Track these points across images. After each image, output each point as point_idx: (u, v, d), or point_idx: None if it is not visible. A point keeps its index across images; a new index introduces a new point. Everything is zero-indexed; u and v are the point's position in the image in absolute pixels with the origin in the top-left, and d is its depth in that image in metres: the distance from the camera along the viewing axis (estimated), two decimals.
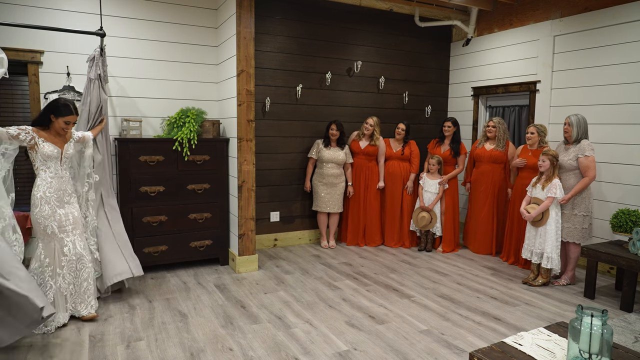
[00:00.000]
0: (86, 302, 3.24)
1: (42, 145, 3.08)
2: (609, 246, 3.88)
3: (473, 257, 5.01)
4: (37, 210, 3.08)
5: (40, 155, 3.09)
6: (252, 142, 4.31)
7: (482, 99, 5.89)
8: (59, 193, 3.16)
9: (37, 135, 3.08)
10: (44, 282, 3.10)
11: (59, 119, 3.13)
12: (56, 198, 3.14)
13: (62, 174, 3.20)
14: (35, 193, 3.09)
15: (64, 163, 3.22)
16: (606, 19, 4.36)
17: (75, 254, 3.20)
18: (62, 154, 3.19)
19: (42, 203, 3.08)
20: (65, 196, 3.20)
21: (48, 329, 3.03)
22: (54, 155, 3.12)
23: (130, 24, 4.35)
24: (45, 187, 3.10)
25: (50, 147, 3.11)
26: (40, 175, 3.12)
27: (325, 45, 5.36)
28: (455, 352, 2.89)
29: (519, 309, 3.60)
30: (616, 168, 4.35)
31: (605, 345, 1.79)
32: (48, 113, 3.13)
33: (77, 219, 3.26)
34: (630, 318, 3.43)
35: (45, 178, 3.12)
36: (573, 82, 4.69)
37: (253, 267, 4.42)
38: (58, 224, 3.13)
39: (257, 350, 2.87)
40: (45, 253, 3.12)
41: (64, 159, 3.21)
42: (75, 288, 3.22)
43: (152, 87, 4.51)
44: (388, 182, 5.35)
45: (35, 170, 3.13)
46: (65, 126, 3.16)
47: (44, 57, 4.03)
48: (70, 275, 3.19)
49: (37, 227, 3.11)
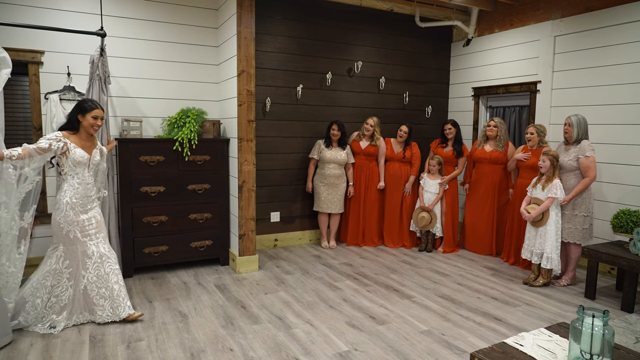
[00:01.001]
0: (122, 304, 3.22)
1: (74, 151, 3.06)
2: (610, 247, 3.87)
3: (473, 258, 5.01)
4: (62, 215, 3.07)
5: (71, 161, 3.07)
6: (252, 143, 4.30)
7: (483, 99, 5.89)
8: (84, 199, 3.16)
9: (68, 140, 3.06)
10: (59, 283, 3.10)
11: (87, 116, 3.11)
12: (81, 204, 3.13)
13: (88, 180, 3.19)
14: (62, 198, 3.08)
15: (91, 169, 3.21)
16: (607, 19, 4.36)
17: (99, 257, 3.19)
18: (90, 160, 3.18)
19: (67, 208, 3.07)
20: (88, 202, 3.20)
21: (56, 329, 3.05)
22: (83, 161, 3.11)
23: (130, 24, 4.35)
24: (72, 192, 3.09)
25: (81, 152, 3.10)
26: (68, 181, 3.10)
27: (325, 46, 5.35)
28: (456, 352, 2.89)
29: (519, 309, 3.60)
30: (617, 168, 4.34)
31: (607, 345, 1.79)
32: (75, 115, 3.12)
33: (100, 223, 3.26)
34: (631, 319, 3.42)
35: (73, 184, 3.10)
36: (574, 83, 4.69)
37: (253, 267, 4.42)
38: (81, 229, 3.13)
39: (258, 351, 2.87)
40: (66, 256, 3.11)
41: (91, 165, 3.20)
42: (108, 292, 3.20)
43: (153, 87, 4.51)
44: (389, 183, 5.35)
45: (63, 175, 3.11)
46: (94, 122, 3.14)
47: (45, 57, 4.03)
48: (97, 278, 3.18)
49: (58, 231, 3.10)
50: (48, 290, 3.08)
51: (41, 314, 3.07)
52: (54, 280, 3.09)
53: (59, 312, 3.10)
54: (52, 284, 3.09)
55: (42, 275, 3.10)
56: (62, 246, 3.12)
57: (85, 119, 3.11)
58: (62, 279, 3.10)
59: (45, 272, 3.10)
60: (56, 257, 3.12)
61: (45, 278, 3.09)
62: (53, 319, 3.08)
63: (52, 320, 3.08)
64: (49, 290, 3.08)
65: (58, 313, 3.09)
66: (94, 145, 3.24)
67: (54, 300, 3.08)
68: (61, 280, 3.10)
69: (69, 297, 3.11)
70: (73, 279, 3.13)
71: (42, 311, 3.07)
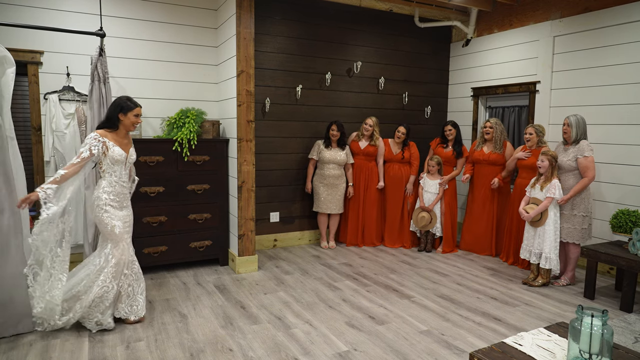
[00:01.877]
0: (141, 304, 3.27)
1: (113, 150, 3.07)
2: (609, 246, 3.88)
3: (473, 258, 5.01)
4: (103, 211, 3.08)
5: (109, 159, 3.07)
6: (252, 143, 4.31)
7: (482, 99, 5.89)
8: (120, 197, 3.17)
9: (107, 139, 3.07)
10: (105, 282, 3.08)
11: (129, 114, 3.12)
12: (118, 201, 3.15)
13: (124, 177, 3.19)
14: (101, 195, 3.08)
15: (127, 168, 3.22)
16: (606, 20, 4.37)
17: (131, 255, 3.23)
18: (127, 158, 3.19)
19: (107, 204, 3.09)
20: (124, 200, 3.22)
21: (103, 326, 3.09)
22: (121, 159, 3.12)
23: (130, 24, 4.35)
24: (110, 189, 3.10)
25: (119, 151, 3.10)
26: (107, 179, 3.10)
27: (325, 46, 5.36)
28: (455, 352, 2.89)
29: (519, 309, 3.60)
30: (615, 168, 4.35)
31: (606, 345, 1.79)
32: (115, 113, 3.11)
33: (131, 222, 3.29)
34: (630, 318, 3.43)
35: (111, 182, 3.11)
36: (573, 83, 4.70)
37: (253, 267, 4.42)
38: (122, 224, 3.15)
39: (257, 351, 2.87)
40: (114, 253, 3.12)
41: (128, 163, 3.21)
42: (134, 289, 3.24)
43: (152, 88, 4.51)
44: (389, 184, 5.35)
45: (102, 172, 3.11)
46: (135, 120, 3.16)
47: (44, 58, 4.03)
48: (134, 275, 3.22)
49: (104, 228, 3.10)
50: (98, 288, 3.07)
51: (87, 313, 3.08)
52: (101, 279, 3.09)
53: (104, 311, 3.10)
54: (101, 283, 3.08)
55: (93, 273, 3.09)
56: (110, 243, 3.12)
57: (127, 118, 3.12)
58: (108, 277, 3.09)
59: (94, 270, 3.10)
60: (105, 255, 3.12)
61: (96, 276, 3.09)
62: (99, 318, 3.08)
63: (98, 319, 3.09)
64: (98, 287, 3.07)
65: (103, 312, 3.09)
66: (130, 143, 3.25)
67: (98, 301, 3.07)
68: (107, 279, 3.09)
69: (114, 296, 3.12)
70: (118, 277, 3.13)
71: (88, 310, 3.08)
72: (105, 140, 3.05)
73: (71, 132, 4.11)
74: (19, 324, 2.98)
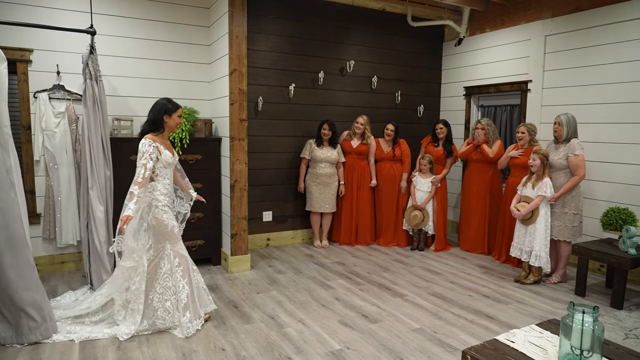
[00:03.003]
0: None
1: (164, 153, 3.06)
2: (600, 244, 3.91)
3: (465, 256, 5.03)
4: (163, 212, 3.06)
5: (162, 163, 3.05)
6: (244, 142, 4.29)
7: (474, 98, 5.92)
8: (171, 197, 3.18)
9: (157, 144, 3.05)
10: (176, 283, 3.06)
11: (173, 115, 3.11)
12: (171, 203, 3.17)
13: (171, 179, 3.19)
14: (159, 197, 3.05)
15: (172, 169, 3.21)
16: (597, 19, 4.40)
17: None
18: (173, 159, 3.19)
19: (165, 205, 3.08)
20: (173, 201, 3.24)
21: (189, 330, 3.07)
22: (170, 161, 3.11)
23: (121, 22, 4.32)
24: (165, 192, 3.10)
25: (168, 153, 3.10)
26: (161, 182, 3.08)
27: (318, 45, 5.35)
28: (448, 350, 2.90)
29: (511, 306, 3.62)
30: (606, 167, 4.38)
31: (597, 341, 1.80)
32: (160, 116, 3.08)
33: None
34: (620, 315, 3.46)
35: (165, 184, 3.10)
36: (564, 82, 4.73)
37: (245, 267, 4.40)
38: (176, 223, 3.16)
39: (250, 350, 2.86)
40: (175, 254, 3.10)
41: (173, 164, 3.21)
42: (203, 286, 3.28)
43: (144, 86, 4.47)
44: (382, 183, 5.36)
45: (155, 177, 3.08)
46: (179, 120, 3.16)
47: (33, 56, 3.99)
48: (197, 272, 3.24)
49: (164, 229, 3.07)
50: (172, 291, 3.06)
51: (174, 317, 3.06)
52: (172, 281, 3.07)
53: (183, 312, 3.07)
54: (173, 284, 3.06)
55: (162, 278, 3.07)
56: (169, 244, 3.09)
57: (172, 119, 3.11)
58: (177, 277, 3.07)
59: (163, 274, 3.07)
60: (167, 257, 3.09)
61: (165, 280, 3.06)
62: (181, 320, 3.06)
63: (180, 322, 3.06)
64: (172, 291, 3.06)
65: (183, 313, 3.07)
66: (170, 145, 3.23)
67: (176, 302, 3.06)
68: (177, 280, 3.07)
69: (187, 295, 3.09)
70: (186, 275, 3.11)
71: (175, 313, 3.06)
72: (157, 144, 3.04)
73: (61, 131, 4.06)
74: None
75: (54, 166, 4.06)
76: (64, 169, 4.08)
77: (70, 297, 3.55)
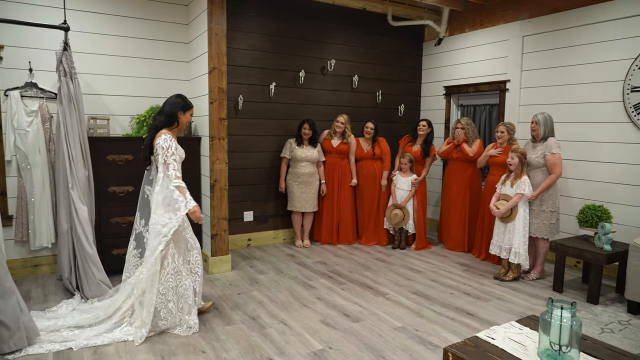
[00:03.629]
0: None
1: (180, 149, 3.02)
2: (576, 241, 3.99)
3: (446, 254, 5.07)
4: None
5: (178, 158, 3.00)
6: (224, 141, 4.23)
7: (454, 97, 5.97)
8: None
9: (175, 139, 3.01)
10: (180, 282, 3.01)
11: (187, 113, 3.11)
12: None
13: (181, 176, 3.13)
14: (175, 196, 2.95)
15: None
16: (572, 20, 4.49)
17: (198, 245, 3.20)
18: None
19: None
20: None
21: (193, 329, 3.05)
22: (183, 158, 3.07)
23: (96, 18, 4.21)
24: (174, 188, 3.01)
25: (181, 149, 3.06)
26: None
27: (299, 44, 5.32)
28: (429, 348, 2.91)
29: (491, 304, 3.66)
30: (582, 165, 4.47)
31: (575, 337, 1.83)
32: (176, 111, 3.05)
33: None
34: (596, 310, 3.53)
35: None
36: (541, 82, 4.81)
37: (226, 267, 4.35)
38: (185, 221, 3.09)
39: (231, 352, 2.82)
40: (179, 253, 3.03)
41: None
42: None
43: (121, 85, 4.38)
44: (363, 182, 5.36)
45: None
46: (190, 119, 3.14)
47: (4, 52, 3.86)
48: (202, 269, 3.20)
49: None
50: (175, 292, 2.99)
51: (177, 318, 3.00)
52: (175, 281, 3.00)
53: (189, 311, 3.02)
54: (176, 284, 2.99)
55: (165, 278, 2.98)
56: (173, 243, 3.01)
57: (185, 116, 3.10)
58: (182, 276, 3.01)
59: (166, 274, 2.98)
60: (171, 256, 3.01)
61: (167, 280, 2.98)
62: (187, 320, 3.01)
63: (186, 321, 3.01)
64: (175, 291, 2.99)
65: (189, 313, 3.02)
66: None
67: (182, 301, 3.00)
68: (182, 279, 3.01)
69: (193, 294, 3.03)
70: (190, 274, 3.06)
71: (178, 314, 3.00)
72: (174, 140, 3.01)
73: (34, 129, 3.94)
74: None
75: (27, 166, 3.94)
76: (37, 169, 3.95)
77: (67, 307, 3.37)
